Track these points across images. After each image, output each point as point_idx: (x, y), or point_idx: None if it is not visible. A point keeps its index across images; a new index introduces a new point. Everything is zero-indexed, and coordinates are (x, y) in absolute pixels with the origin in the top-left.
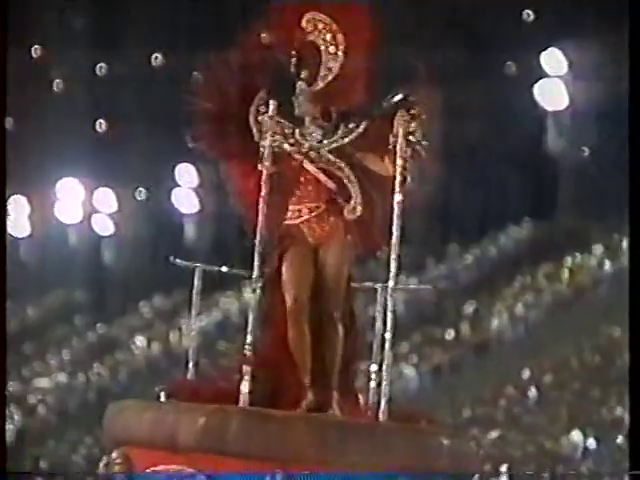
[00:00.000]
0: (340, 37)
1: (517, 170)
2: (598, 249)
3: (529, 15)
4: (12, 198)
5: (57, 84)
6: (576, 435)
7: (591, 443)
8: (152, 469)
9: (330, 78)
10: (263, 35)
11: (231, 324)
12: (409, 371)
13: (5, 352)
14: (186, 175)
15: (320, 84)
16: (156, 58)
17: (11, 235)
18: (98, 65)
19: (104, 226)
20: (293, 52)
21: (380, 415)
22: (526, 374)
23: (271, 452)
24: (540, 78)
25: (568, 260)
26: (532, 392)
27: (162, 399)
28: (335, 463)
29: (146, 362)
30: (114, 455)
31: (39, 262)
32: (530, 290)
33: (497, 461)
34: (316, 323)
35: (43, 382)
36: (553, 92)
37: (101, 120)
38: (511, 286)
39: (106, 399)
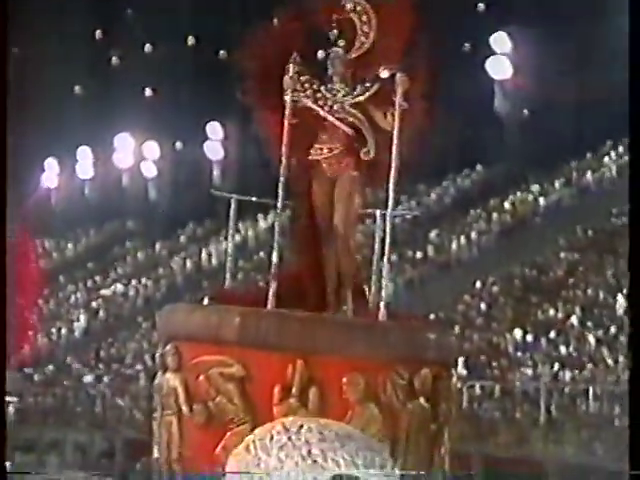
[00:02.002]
0: (373, 19)
1: (472, 126)
2: (535, 188)
3: (481, 6)
4: (79, 148)
5: (114, 60)
6: (517, 332)
7: (529, 338)
8: (197, 360)
9: (362, 51)
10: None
11: (249, 247)
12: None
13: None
14: (214, 130)
15: (353, 54)
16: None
17: (78, 177)
18: (146, 45)
19: (150, 170)
20: (334, 25)
21: (380, 315)
22: (478, 285)
23: (294, 345)
24: (490, 55)
25: (511, 197)
26: (483, 299)
27: (205, 302)
28: (345, 354)
29: (182, 277)
30: (167, 348)
31: (100, 198)
32: (481, 220)
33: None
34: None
35: (103, 292)
36: (500, 66)
37: (147, 88)
38: (466, 217)
39: (151, 305)
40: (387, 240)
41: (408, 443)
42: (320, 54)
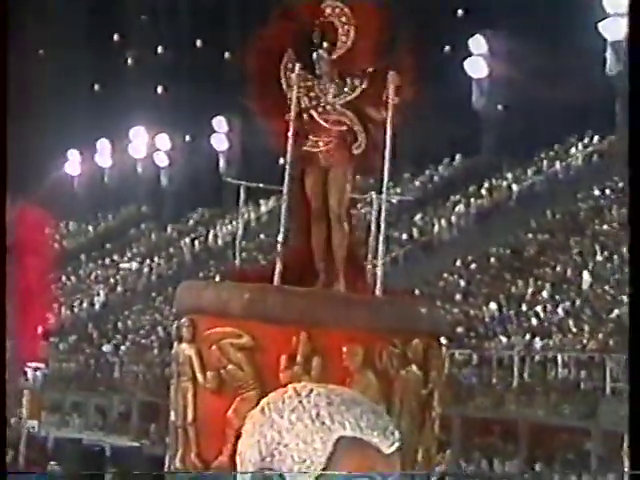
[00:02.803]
0: (352, 20)
1: (451, 121)
2: (508, 176)
3: (460, 12)
4: (99, 140)
5: (129, 61)
6: (493, 306)
7: (503, 311)
8: (210, 331)
9: (344, 50)
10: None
11: (252, 229)
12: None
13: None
14: (219, 124)
15: (336, 54)
16: (198, 42)
17: (98, 166)
18: (158, 47)
19: (162, 160)
20: (316, 29)
21: (376, 291)
22: (458, 264)
23: (297, 318)
24: (468, 56)
25: (487, 184)
26: (462, 276)
27: (217, 279)
28: (345, 326)
29: (191, 256)
30: (183, 320)
31: (117, 185)
32: (461, 205)
33: None
34: (328, 224)
35: (122, 265)
36: (477, 66)
37: (159, 86)
38: (447, 202)
39: (163, 281)
40: (382, 221)
41: (402, 407)
42: (307, 55)
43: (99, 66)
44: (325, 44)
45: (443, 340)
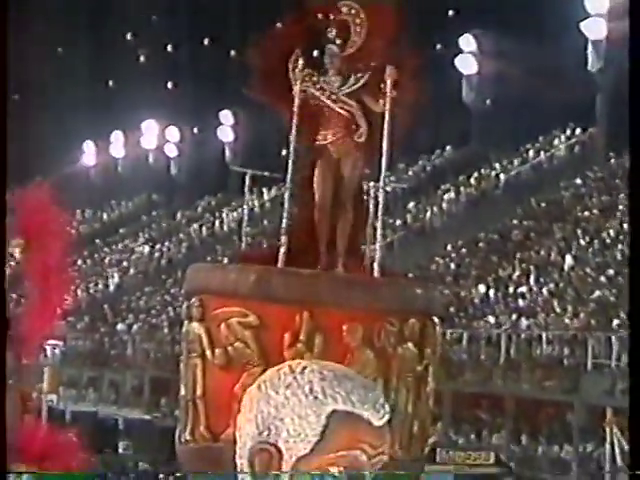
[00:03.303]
0: (365, 20)
1: (442, 114)
2: (496, 166)
3: (452, 13)
4: (113, 133)
5: (141, 58)
6: (481, 287)
7: (491, 293)
8: (218, 311)
9: (355, 48)
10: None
11: (254, 216)
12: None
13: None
14: (226, 117)
15: (348, 51)
16: (205, 41)
17: (112, 156)
18: (168, 45)
19: (172, 151)
20: (331, 26)
21: (375, 273)
22: (448, 248)
23: (301, 298)
24: (459, 53)
25: (476, 173)
26: (452, 260)
27: (225, 262)
28: (345, 306)
29: (199, 240)
30: (193, 301)
31: (130, 174)
32: (451, 192)
33: None
34: (334, 210)
35: (132, 252)
36: (466, 63)
37: (169, 82)
38: (439, 190)
39: (173, 265)
40: (380, 208)
41: (398, 382)
42: (317, 51)
43: (113, 64)
44: (338, 41)
45: (436, 320)
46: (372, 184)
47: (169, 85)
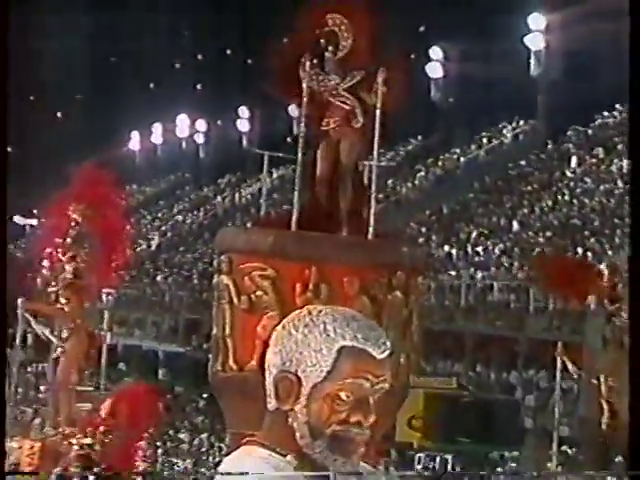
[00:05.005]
0: (350, 28)
1: (415, 110)
2: (457, 150)
3: (422, 29)
4: (154, 124)
5: (177, 65)
6: (446, 247)
7: (454, 251)
8: (243, 265)
9: (345, 52)
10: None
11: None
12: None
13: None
14: (243, 112)
15: (339, 55)
16: (227, 51)
17: (153, 143)
18: (198, 55)
19: (200, 139)
20: (322, 36)
21: (369, 235)
22: (420, 216)
23: (309, 256)
24: (428, 62)
25: (441, 157)
26: (423, 225)
27: (249, 226)
28: (345, 262)
29: (222, 210)
30: (222, 257)
31: (167, 157)
32: (422, 172)
33: None
34: (336, 184)
35: (169, 219)
36: (434, 71)
37: (198, 84)
38: (412, 170)
39: (202, 230)
40: (374, 178)
41: (389, 322)
42: (320, 55)
43: (153, 69)
44: (330, 48)
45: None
46: (366, 163)
47: (198, 86)
